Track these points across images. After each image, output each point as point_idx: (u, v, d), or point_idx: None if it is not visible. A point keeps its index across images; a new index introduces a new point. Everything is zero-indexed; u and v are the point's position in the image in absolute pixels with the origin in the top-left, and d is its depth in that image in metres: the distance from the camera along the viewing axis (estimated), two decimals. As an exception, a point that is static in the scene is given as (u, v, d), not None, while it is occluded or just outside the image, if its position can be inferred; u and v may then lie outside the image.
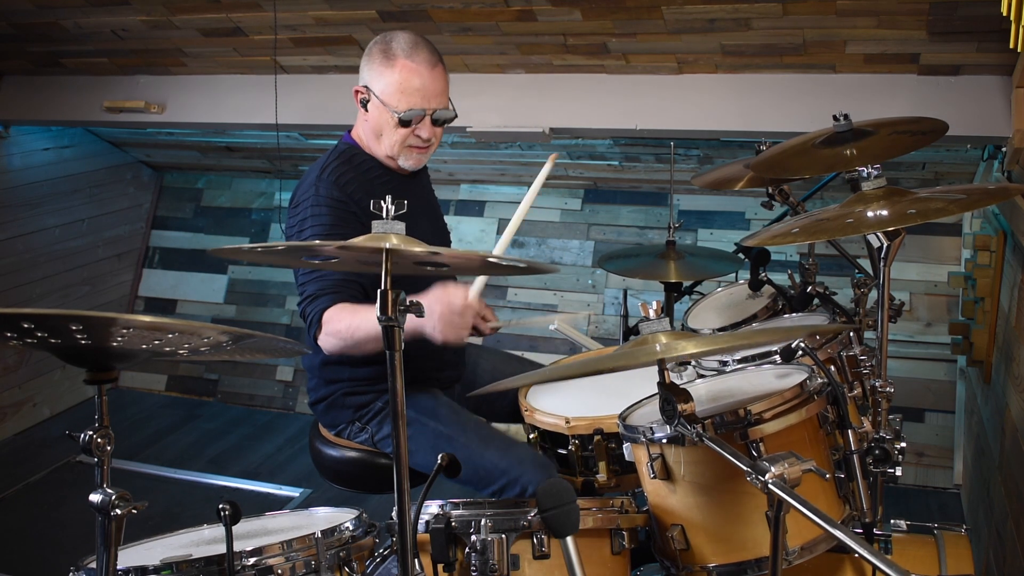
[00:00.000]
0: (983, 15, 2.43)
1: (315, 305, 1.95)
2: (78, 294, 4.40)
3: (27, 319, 1.14)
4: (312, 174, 2.10)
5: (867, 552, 1.20)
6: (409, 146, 2.10)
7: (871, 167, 1.62)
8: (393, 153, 2.11)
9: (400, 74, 2.03)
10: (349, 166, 2.11)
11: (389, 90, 2.04)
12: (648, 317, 1.46)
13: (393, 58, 2.03)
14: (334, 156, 2.14)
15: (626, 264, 2.56)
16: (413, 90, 2.03)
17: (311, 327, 1.97)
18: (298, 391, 4.37)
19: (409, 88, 2.03)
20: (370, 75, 2.07)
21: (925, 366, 3.56)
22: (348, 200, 2.04)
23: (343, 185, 2.06)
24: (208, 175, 4.78)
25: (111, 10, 3.22)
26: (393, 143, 2.09)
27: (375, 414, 2.15)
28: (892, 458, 1.64)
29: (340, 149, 2.16)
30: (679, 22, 2.75)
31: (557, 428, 1.97)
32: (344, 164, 2.11)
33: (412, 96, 2.03)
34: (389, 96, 2.04)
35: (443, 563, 1.61)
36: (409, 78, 2.03)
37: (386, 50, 2.05)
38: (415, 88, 2.03)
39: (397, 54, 2.03)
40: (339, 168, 2.09)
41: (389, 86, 2.04)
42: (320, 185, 2.05)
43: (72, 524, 3.27)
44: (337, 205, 2.03)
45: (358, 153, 2.15)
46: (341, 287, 1.95)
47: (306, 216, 2.04)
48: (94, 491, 1.27)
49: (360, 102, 2.11)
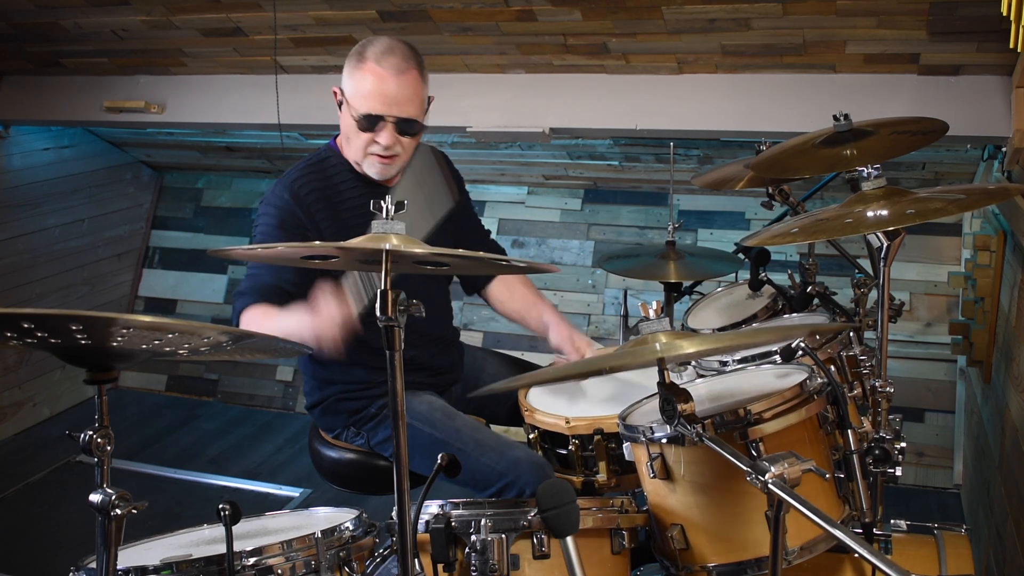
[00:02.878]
0: (983, 15, 2.43)
1: (239, 302, 1.99)
2: (78, 294, 4.40)
3: (27, 319, 1.14)
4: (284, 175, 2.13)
5: (867, 552, 1.20)
6: (371, 153, 2.05)
7: (871, 167, 1.62)
8: (357, 159, 2.09)
9: (365, 77, 2.00)
10: (316, 174, 2.11)
11: (353, 92, 2.02)
12: (648, 317, 1.46)
13: (363, 61, 2.01)
14: (306, 161, 2.15)
15: (626, 264, 2.56)
16: (373, 94, 1.99)
17: (232, 320, 2.00)
18: (298, 391, 4.37)
19: (370, 92, 1.99)
20: (344, 77, 2.06)
21: (925, 366, 3.56)
22: (299, 204, 2.05)
23: (297, 189, 2.07)
24: (208, 175, 4.78)
25: (111, 10, 3.22)
26: (356, 148, 2.07)
27: (369, 419, 2.15)
28: (892, 458, 1.64)
29: (318, 154, 2.18)
30: (679, 22, 2.75)
31: (557, 428, 1.97)
32: (312, 170, 2.11)
33: (371, 100, 1.99)
34: (352, 98, 2.02)
35: (443, 563, 1.61)
36: (372, 81, 1.99)
37: (360, 53, 2.03)
38: (375, 92, 1.99)
39: (368, 58, 2.01)
40: (305, 175, 2.10)
41: (355, 89, 2.02)
42: (278, 187, 2.08)
43: (72, 524, 3.27)
44: (284, 207, 2.05)
45: (332, 157, 2.15)
46: (268, 293, 1.97)
47: (259, 214, 2.08)
48: (94, 491, 1.27)
49: (338, 103, 2.11)
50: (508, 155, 3.87)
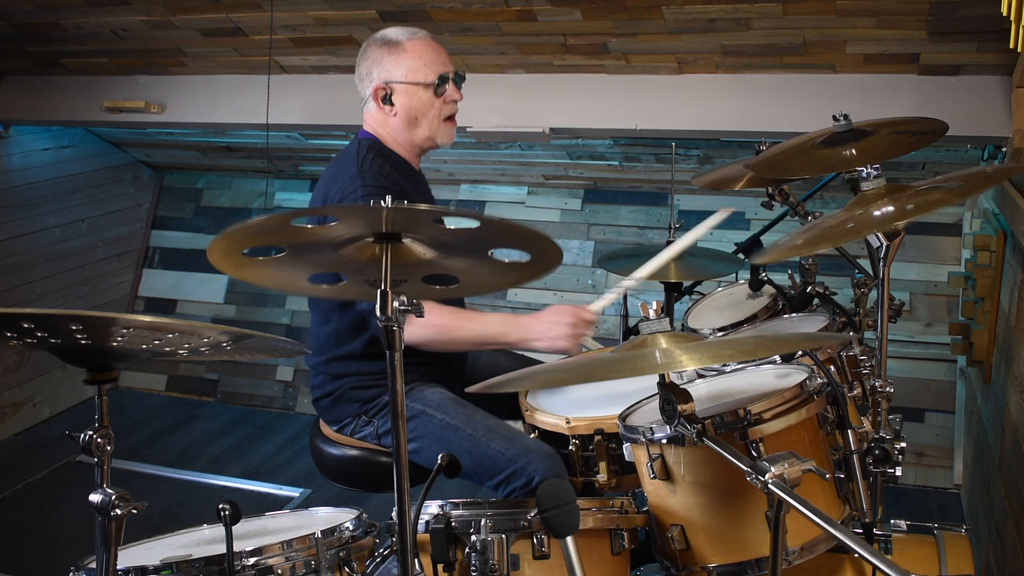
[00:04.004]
0: (983, 15, 2.43)
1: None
2: (78, 294, 4.40)
3: (27, 319, 1.14)
4: (348, 169, 2.11)
5: (867, 552, 1.20)
6: (446, 119, 2.19)
7: (871, 167, 1.62)
8: (432, 131, 2.19)
9: (415, 51, 2.14)
10: (383, 158, 2.16)
11: (412, 69, 2.13)
12: (648, 317, 1.46)
13: (398, 44, 2.13)
14: (365, 150, 2.16)
15: (626, 264, 2.56)
16: (432, 59, 2.15)
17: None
18: (298, 391, 4.37)
19: (429, 58, 2.15)
20: (383, 69, 2.14)
21: (925, 366, 3.56)
22: (393, 188, 2.07)
23: (386, 174, 2.12)
24: (208, 175, 4.78)
25: (111, 10, 3.22)
26: (431, 120, 2.17)
27: (382, 408, 2.16)
28: (892, 458, 1.64)
29: (367, 144, 2.18)
30: (679, 22, 2.75)
31: (557, 428, 1.96)
32: (379, 156, 2.16)
33: (435, 64, 2.16)
34: (415, 73, 2.13)
35: (443, 563, 1.61)
36: (424, 50, 2.15)
37: (388, 42, 2.14)
38: (433, 56, 2.15)
39: (400, 40, 2.14)
40: (376, 160, 2.14)
41: (411, 66, 2.13)
42: (365, 176, 2.08)
43: (72, 524, 3.26)
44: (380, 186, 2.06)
45: (383, 148, 2.20)
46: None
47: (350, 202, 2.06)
48: (94, 491, 1.27)
49: (382, 100, 2.15)
50: (508, 155, 3.87)
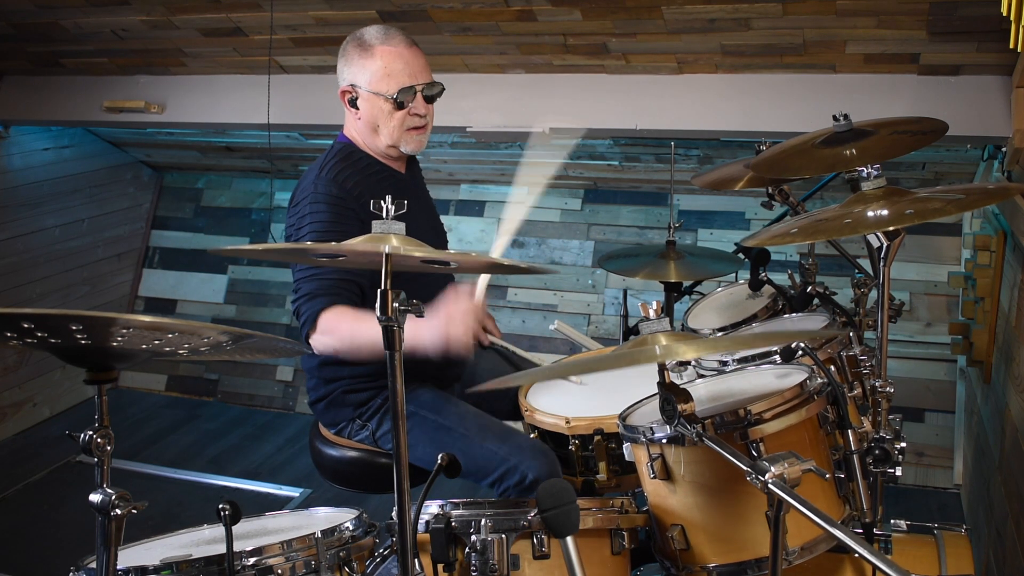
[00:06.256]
0: (983, 15, 2.43)
1: (312, 304, 1.94)
2: (78, 294, 4.40)
3: (27, 319, 1.14)
4: (311, 173, 2.12)
5: (867, 552, 1.20)
6: (408, 129, 2.12)
7: (871, 167, 1.62)
8: (394, 140, 2.13)
9: (382, 59, 2.07)
10: (348, 163, 2.13)
11: (376, 78, 2.07)
12: (648, 317, 1.46)
13: (370, 48, 2.08)
14: (332, 154, 2.15)
15: (626, 264, 2.56)
16: (399, 71, 2.07)
17: (304, 325, 1.96)
18: (298, 391, 4.37)
19: (395, 70, 2.07)
20: (352, 71, 2.10)
21: (925, 366, 3.56)
22: (347, 197, 2.05)
23: (342, 182, 2.07)
24: (208, 175, 4.78)
25: (111, 10, 3.22)
26: (392, 130, 2.11)
27: (375, 411, 2.15)
28: (892, 458, 1.64)
29: (337, 148, 2.18)
30: (679, 22, 2.75)
31: (557, 428, 1.97)
32: (343, 162, 2.12)
33: (400, 76, 2.07)
34: (377, 83, 2.07)
35: (443, 563, 1.61)
36: (393, 59, 2.07)
37: (361, 43, 2.09)
38: (400, 68, 2.07)
39: (373, 43, 2.08)
40: (338, 166, 2.11)
41: (375, 74, 2.07)
42: (319, 183, 2.07)
43: (72, 524, 3.27)
44: (335, 202, 2.04)
45: (355, 151, 2.17)
46: (339, 288, 1.96)
47: (305, 213, 2.05)
48: (94, 491, 1.27)
49: (348, 102, 2.13)
50: (508, 155, 3.87)
